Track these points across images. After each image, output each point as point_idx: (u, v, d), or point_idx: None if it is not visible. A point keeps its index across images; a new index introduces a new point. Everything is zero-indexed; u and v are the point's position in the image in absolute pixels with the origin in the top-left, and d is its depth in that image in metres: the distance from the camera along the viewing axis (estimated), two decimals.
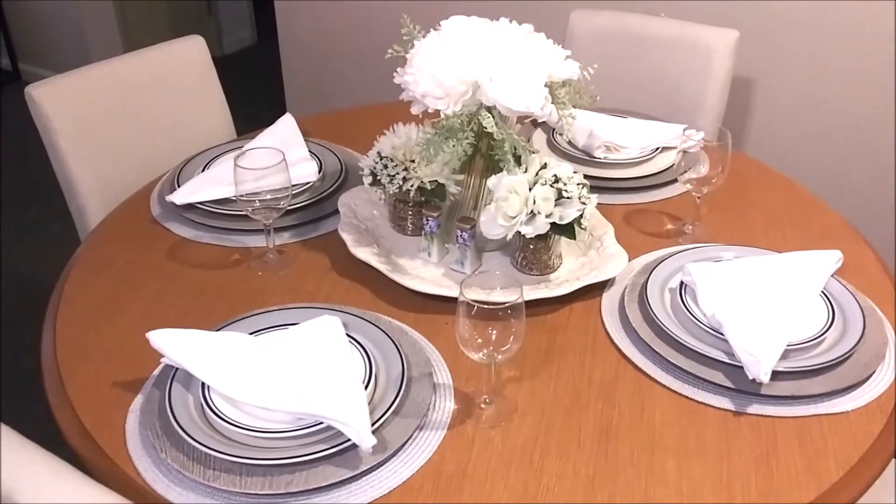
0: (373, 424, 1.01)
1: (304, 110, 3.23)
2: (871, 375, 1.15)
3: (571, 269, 1.37)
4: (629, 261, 1.36)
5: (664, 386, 1.14)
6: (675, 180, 1.51)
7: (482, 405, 1.11)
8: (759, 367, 1.09)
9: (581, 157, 1.68)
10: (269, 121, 1.76)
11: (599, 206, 1.38)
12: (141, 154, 1.87)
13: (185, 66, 1.96)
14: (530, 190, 1.26)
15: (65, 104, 1.73)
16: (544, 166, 1.30)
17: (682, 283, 1.28)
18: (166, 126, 1.93)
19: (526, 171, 1.29)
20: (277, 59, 3.25)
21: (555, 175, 1.28)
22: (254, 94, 3.44)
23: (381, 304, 1.30)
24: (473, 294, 1.01)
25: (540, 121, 1.29)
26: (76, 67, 1.81)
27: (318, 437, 1.02)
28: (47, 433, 1.05)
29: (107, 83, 1.83)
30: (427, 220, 1.35)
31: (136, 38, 3.94)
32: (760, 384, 1.10)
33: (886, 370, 1.17)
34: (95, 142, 1.79)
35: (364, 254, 1.35)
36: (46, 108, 1.70)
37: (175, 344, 1.10)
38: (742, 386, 1.11)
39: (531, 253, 1.35)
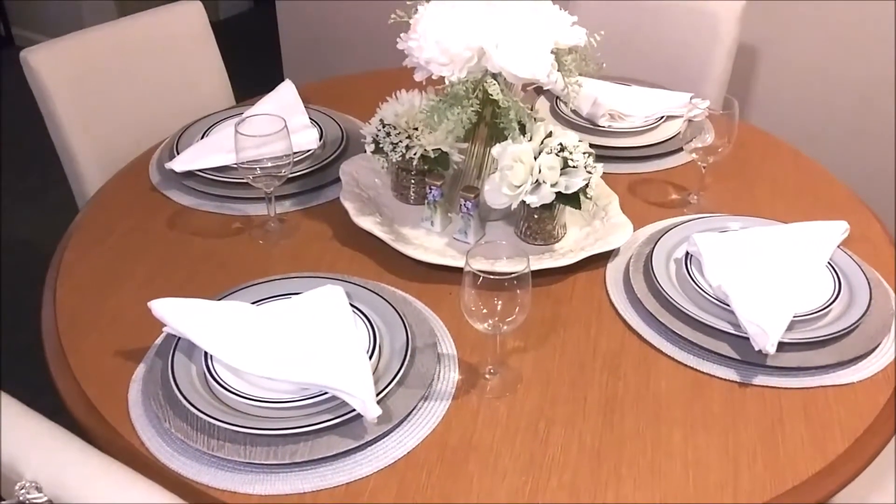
0: (377, 395, 1.00)
1: (302, 76, 3.18)
2: (877, 347, 1.15)
3: (576, 239, 1.36)
4: (634, 231, 1.35)
5: (669, 357, 1.14)
6: (681, 149, 1.49)
7: (487, 376, 1.11)
8: (766, 338, 1.08)
9: (585, 125, 1.66)
10: (267, 87, 1.73)
11: (603, 176, 1.37)
12: (138, 119, 1.85)
13: (182, 30, 1.93)
14: (535, 159, 1.24)
15: (61, 69, 1.71)
16: (549, 135, 1.28)
17: (687, 253, 1.27)
18: (163, 91, 1.91)
19: (531, 140, 1.27)
20: (275, 24, 3.20)
21: (560, 144, 1.26)
22: (251, 60, 3.39)
23: (384, 273, 1.29)
24: (479, 264, 1.00)
25: (545, 88, 1.27)
26: (69, 32, 1.77)
27: (322, 407, 1.01)
28: (48, 403, 1.04)
29: (103, 47, 1.80)
30: (430, 188, 1.34)
31: (131, 1, 3.87)
32: (766, 355, 1.10)
33: (892, 341, 1.16)
34: (92, 107, 1.77)
35: (367, 223, 1.34)
36: (42, 72, 1.68)
37: (177, 313, 1.10)
38: (748, 357, 1.11)
39: (535, 223, 1.33)
